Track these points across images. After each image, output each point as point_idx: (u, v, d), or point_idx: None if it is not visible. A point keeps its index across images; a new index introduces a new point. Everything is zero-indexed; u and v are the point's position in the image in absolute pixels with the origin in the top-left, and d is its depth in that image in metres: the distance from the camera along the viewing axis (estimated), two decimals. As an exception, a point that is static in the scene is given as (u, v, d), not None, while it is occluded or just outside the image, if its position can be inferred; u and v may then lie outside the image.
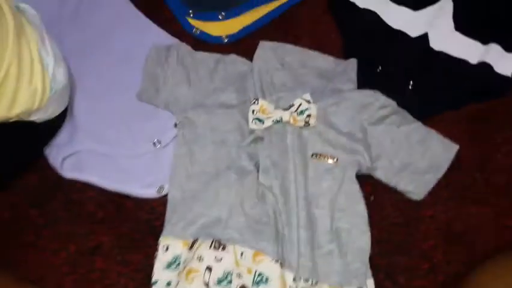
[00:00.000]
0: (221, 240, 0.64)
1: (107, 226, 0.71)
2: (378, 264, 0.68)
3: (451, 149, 0.72)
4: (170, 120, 0.76)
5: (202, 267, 0.62)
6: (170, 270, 0.64)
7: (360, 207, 0.68)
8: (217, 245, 0.64)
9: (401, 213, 0.71)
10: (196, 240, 0.65)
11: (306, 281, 0.63)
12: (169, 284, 0.63)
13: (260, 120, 0.70)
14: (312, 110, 0.70)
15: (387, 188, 0.72)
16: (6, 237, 0.70)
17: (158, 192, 0.71)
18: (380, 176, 0.71)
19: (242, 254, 0.64)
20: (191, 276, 0.61)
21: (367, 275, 0.65)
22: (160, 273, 0.64)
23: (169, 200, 0.70)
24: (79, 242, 0.70)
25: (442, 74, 0.80)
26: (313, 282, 0.63)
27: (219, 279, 0.61)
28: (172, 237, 0.66)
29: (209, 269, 0.62)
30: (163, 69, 0.77)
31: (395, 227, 0.70)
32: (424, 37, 0.82)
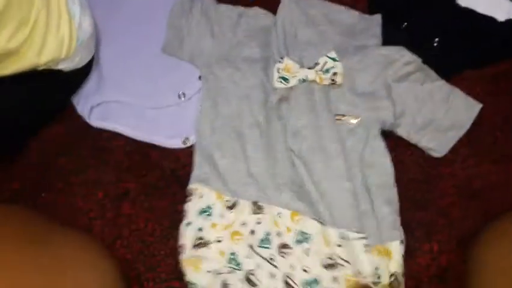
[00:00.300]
0: (258, 203, 0.66)
1: (134, 174, 0.73)
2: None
3: (474, 107, 0.72)
4: (195, 73, 0.76)
5: (245, 231, 0.65)
6: (202, 216, 0.66)
7: (387, 163, 0.68)
8: (256, 210, 0.66)
9: (421, 169, 0.72)
10: (235, 203, 0.66)
11: (359, 232, 0.63)
12: (200, 229, 0.65)
13: (285, 79, 0.70)
14: (338, 68, 0.70)
15: (408, 145, 0.72)
16: (35, 181, 0.73)
17: (184, 143, 0.73)
18: (402, 133, 0.71)
19: (279, 214, 0.65)
20: (236, 238, 0.64)
21: (398, 227, 0.65)
22: (193, 217, 0.66)
23: (196, 151, 0.71)
24: (107, 189, 0.72)
25: (468, 31, 0.78)
26: (368, 234, 0.63)
27: (261, 240, 0.64)
28: (204, 187, 0.68)
29: (252, 232, 0.64)
30: (187, 21, 0.76)
31: (414, 183, 0.71)
32: (451, -7, 0.80)
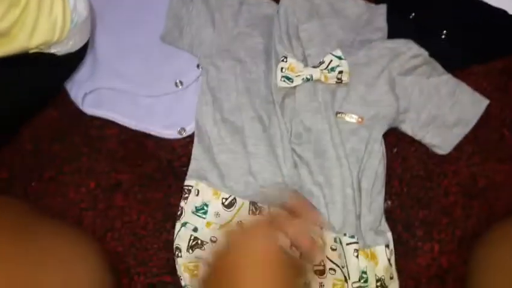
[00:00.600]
0: (257, 204, 0.63)
1: (128, 164, 0.71)
2: (398, 216, 0.67)
3: (481, 103, 0.69)
4: (193, 61, 0.73)
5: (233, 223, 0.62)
6: (197, 215, 0.64)
7: (380, 168, 0.66)
8: (254, 209, 0.63)
9: (424, 166, 0.70)
10: (233, 201, 0.64)
11: (352, 237, 0.61)
12: (195, 229, 0.63)
13: (289, 79, 0.67)
14: (344, 66, 0.67)
15: (412, 140, 0.70)
16: (28, 170, 0.71)
17: (180, 133, 0.71)
18: (406, 129, 0.69)
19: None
20: None
21: (385, 229, 0.65)
22: (189, 217, 0.64)
23: (194, 144, 0.69)
24: (99, 179, 0.70)
25: (479, 24, 0.75)
26: (358, 239, 0.62)
27: None
28: (201, 183, 0.66)
29: None
30: (188, 9, 0.73)
31: (417, 180, 0.69)
32: (462, -17, 0.77)
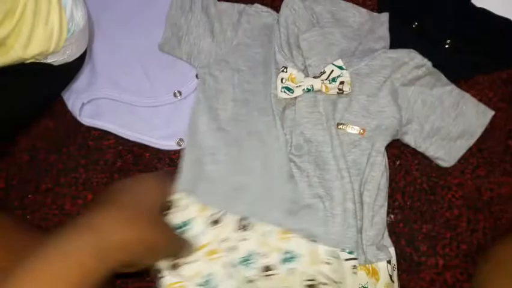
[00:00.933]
0: (246, 220, 0.61)
1: (125, 175, 0.69)
2: (401, 231, 0.66)
3: (486, 114, 0.68)
4: (191, 71, 0.72)
5: (225, 247, 0.60)
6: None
7: (383, 182, 0.64)
8: (242, 226, 0.61)
9: (427, 179, 0.69)
10: (220, 218, 0.61)
11: (351, 252, 0.59)
12: None
13: (289, 89, 0.66)
14: (345, 77, 0.65)
15: (415, 153, 0.69)
16: (25, 181, 0.70)
17: (178, 144, 0.69)
18: (409, 140, 0.67)
19: (267, 233, 0.60)
20: (214, 257, 0.59)
21: (388, 244, 0.63)
22: None
23: (185, 156, 0.66)
24: (97, 190, 0.69)
25: (483, 34, 0.74)
26: (358, 254, 0.60)
27: (242, 258, 0.59)
28: (189, 196, 0.62)
29: (232, 248, 0.59)
30: (187, 18, 0.72)
31: (420, 193, 0.68)
32: (466, -8, 0.76)
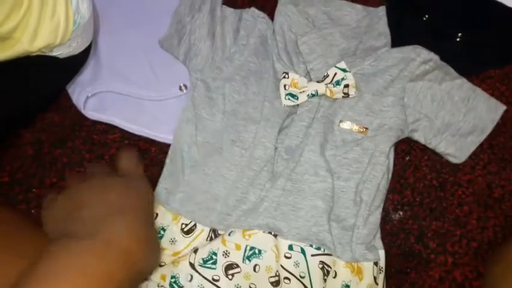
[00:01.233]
0: (218, 231, 0.61)
1: (131, 170, 0.69)
2: (410, 227, 0.65)
3: (497, 109, 0.66)
4: (197, 64, 0.71)
5: (188, 249, 0.59)
6: None
7: (383, 183, 0.63)
8: (214, 236, 0.60)
9: (437, 175, 0.68)
10: (193, 227, 0.61)
11: (318, 248, 0.58)
12: None
13: (293, 96, 0.64)
14: (349, 79, 0.64)
15: (425, 148, 0.68)
16: (29, 175, 0.69)
17: (184, 138, 0.68)
18: (419, 137, 0.66)
19: (231, 233, 0.59)
20: (176, 260, 0.59)
21: (378, 246, 0.62)
22: None
23: (166, 164, 0.66)
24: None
25: (496, 27, 0.72)
26: (324, 250, 0.59)
27: (203, 259, 0.58)
28: (161, 206, 0.62)
29: (194, 250, 0.59)
30: (193, 18, 0.69)
31: (430, 189, 0.67)
32: (479, -17, 0.74)
